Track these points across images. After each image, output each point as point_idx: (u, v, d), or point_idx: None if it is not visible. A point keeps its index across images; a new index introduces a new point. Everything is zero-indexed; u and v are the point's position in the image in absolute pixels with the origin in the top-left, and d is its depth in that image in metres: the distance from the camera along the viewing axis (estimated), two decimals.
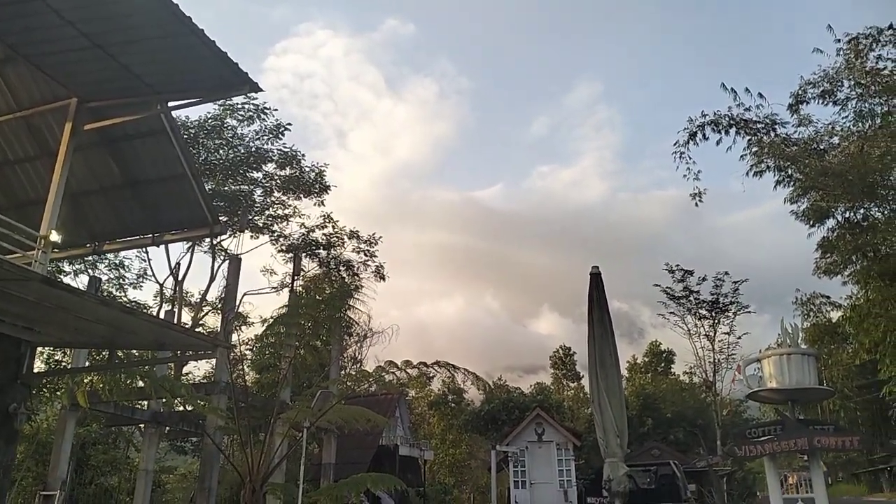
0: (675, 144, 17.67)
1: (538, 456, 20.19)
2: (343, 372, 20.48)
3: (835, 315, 38.91)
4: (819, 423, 10.31)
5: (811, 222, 27.01)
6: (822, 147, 23.22)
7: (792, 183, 24.35)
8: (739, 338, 26.83)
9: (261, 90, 9.72)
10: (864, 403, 40.76)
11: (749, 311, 27.09)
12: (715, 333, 26.83)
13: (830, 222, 26.78)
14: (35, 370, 12.06)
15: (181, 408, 17.37)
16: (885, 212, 25.12)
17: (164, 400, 15.66)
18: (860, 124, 20.89)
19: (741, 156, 20.73)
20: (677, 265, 27.21)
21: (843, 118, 21.26)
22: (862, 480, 42.64)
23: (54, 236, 9.63)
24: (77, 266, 22.30)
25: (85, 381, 14.20)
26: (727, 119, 18.69)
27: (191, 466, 22.86)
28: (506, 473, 20.82)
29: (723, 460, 20.71)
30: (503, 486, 21.41)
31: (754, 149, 20.97)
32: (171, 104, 10.60)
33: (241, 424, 11.41)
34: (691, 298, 26.83)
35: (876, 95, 20.20)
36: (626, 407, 6.88)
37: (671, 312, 27.57)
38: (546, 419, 21.11)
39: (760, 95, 17.72)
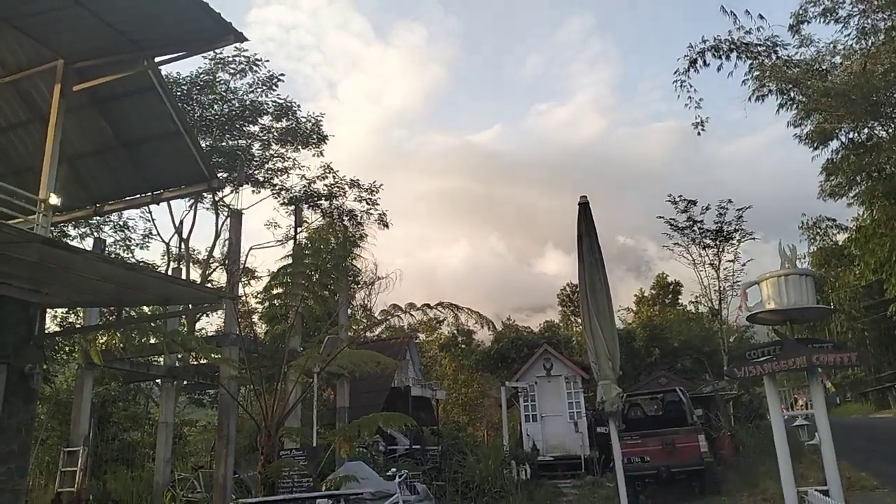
0: (675, 73, 17.39)
1: (547, 390, 20.61)
2: (352, 318, 20.79)
3: (841, 238, 39.05)
4: (818, 341, 10.43)
5: (815, 145, 26.78)
6: (824, 67, 22.82)
7: (795, 106, 24.04)
8: (744, 265, 26.89)
9: (246, 39, 9.62)
10: (871, 324, 41.18)
11: (753, 238, 27.05)
12: (720, 262, 26.90)
13: (834, 144, 26.55)
14: (48, 332, 12.34)
15: (195, 362, 17.76)
16: (890, 130, 24.83)
17: (178, 355, 16.06)
18: (863, 42, 20.48)
19: (743, 81, 20.43)
20: (680, 195, 27.10)
21: (845, 36, 20.83)
22: (870, 399, 43.34)
23: (53, 199, 9.70)
24: (82, 230, 22.50)
25: (99, 340, 14.51)
26: (728, 44, 18.29)
27: (211, 418, 23.49)
28: (517, 409, 21.30)
29: (729, 383, 21.09)
30: (515, 421, 21.93)
31: (756, 73, 20.64)
32: (157, 60, 10.49)
33: (254, 374, 11.72)
34: (695, 228, 26.79)
35: (879, 10, 19.73)
36: (632, 334, 7.03)
37: (675, 244, 27.59)
38: (554, 354, 21.45)
39: (761, 17, 17.34)
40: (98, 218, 21.16)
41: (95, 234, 22.09)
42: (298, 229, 18.41)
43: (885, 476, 13.58)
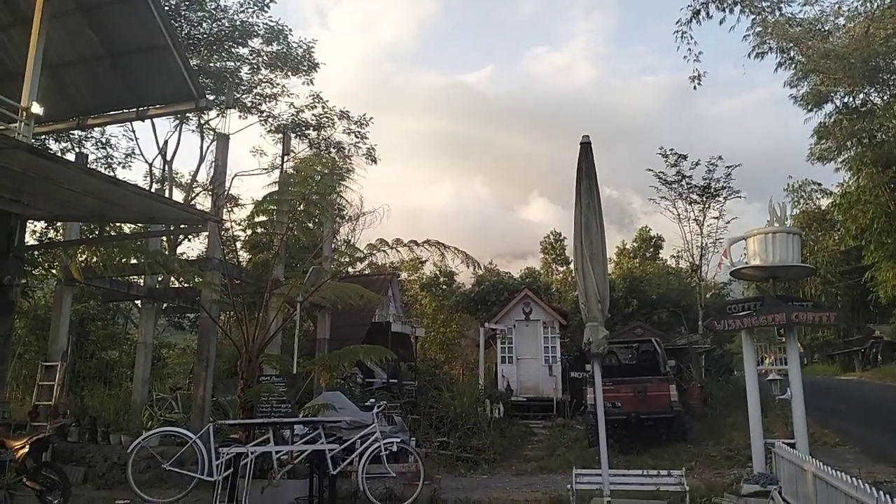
0: (676, 23, 17.02)
1: (525, 334, 20.86)
2: (336, 252, 20.74)
3: (825, 203, 39.42)
4: (798, 299, 10.57)
5: (809, 107, 26.73)
6: (826, 28, 22.55)
7: (793, 66, 23.85)
8: (728, 223, 27.10)
9: None
10: (845, 289, 41.97)
11: (740, 197, 27.18)
12: (704, 218, 27.07)
13: (828, 107, 26.54)
14: (27, 245, 12.16)
15: (176, 284, 17.67)
16: (885, 97, 24.78)
17: (159, 277, 15.95)
18: (868, 4, 20.19)
19: (744, 37, 20.14)
20: (671, 149, 27.03)
21: None
22: (836, 362, 44.52)
23: (36, 108, 9.40)
24: (64, 144, 21.99)
25: (79, 256, 14.34)
26: None
27: (190, 342, 23.56)
28: (494, 350, 21.58)
29: (703, 337, 21.49)
30: (491, 361, 22.25)
31: (758, 28, 20.33)
32: None
33: (236, 300, 11.66)
34: (683, 183, 26.84)
35: None
36: (610, 284, 7.04)
37: (662, 197, 27.66)
38: (534, 299, 21.64)
39: None
40: (80, 133, 20.67)
41: (77, 149, 21.61)
42: (285, 158, 18.07)
43: (846, 434, 14.05)
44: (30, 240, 17.99)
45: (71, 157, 20.48)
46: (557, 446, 14.51)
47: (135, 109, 12.29)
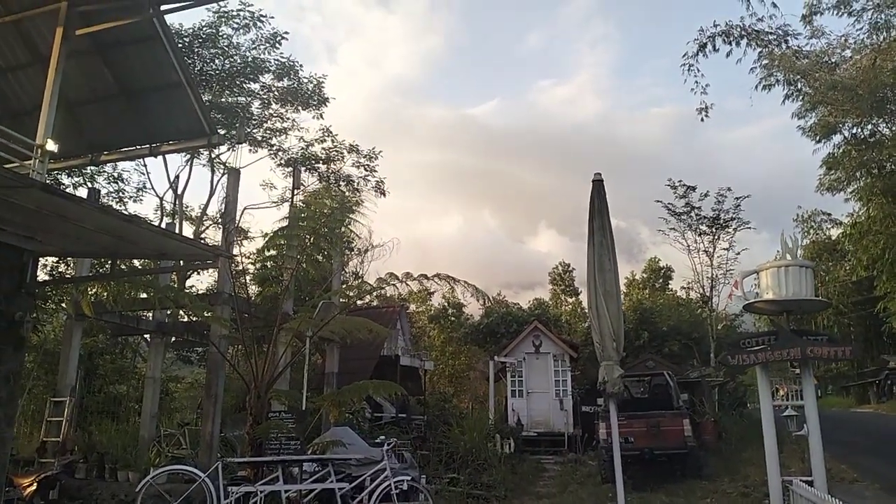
0: (683, 56, 17.17)
1: (535, 367, 20.70)
2: (345, 285, 20.73)
3: (835, 233, 39.22)
4: (812, 333, 10.45)
5: (818, 138, 26.71)
6: (833, 60, 22.68)
7: (800, 97, 23.94)
8: (738, 254, 26.97)
9: None
10: (857, 319, 41.53)
11: (749, 227, 27.10)
12: (714, 249, 26.94)
13: (837, 138, 26.51)
14: (38, 280, 12.20)
15: (186, 318, 17.67)
16: (894, 128, 24.79)
17: (168, 311, 15.97)
18: (875, 36, 20.35)
19: (751, 69, 20.24)
20: (679, 181, 27.03)
21: (857, 30, 20.66)
22: (850, 393, 43.89)
23: (51, 145, 9.47)
24: (76, 179, 22.18)
25: (89, 291, 14.39)
26: (738, 29, 18.04)
27: (197, 376, 23.48)
28: (503, 383, 21.40)
29: (715, 370, 21.23)
30: (501, 395, 22.06)
31: (765, 61, 20.48)
32: (163, 7, 10.22)
33: (245, 334, 11.65)
34: (692, 214, 26.78)
35: (893, 6, 19.56)
36: (623, 315, 7.00)
37: (671, 228, 27.59)
38: (543, 331, 21.51)
39: (774, 5, 17.02)
40: (93, 168, 20.88)
41: (89, 184, 21.82)
42: (295, 192, 18.21)
43: (864, 469, 13.77)
44: (41, 275, 18.08)
45: (83, 192, 20.71)
46: (570, 483, 14.28)
47: (148, 146, 12.38)
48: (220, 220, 23.45)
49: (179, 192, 24.76)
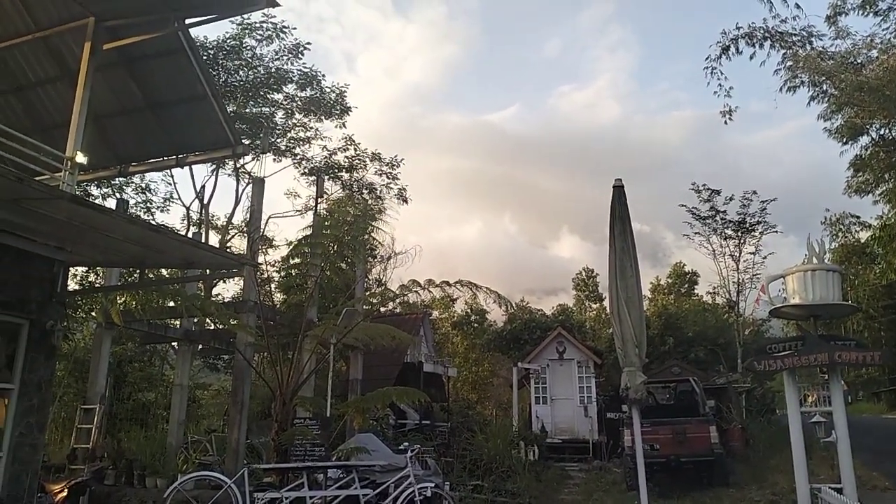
0: (706, 59, 17.03)
1: (559, 373, 20.61)
2: (368, 292, 20.84)
3: (864, 235, 38.50)
4: (841, 338, 10.28)
5: (844, 140, 26.34)
6: (859, 61, 22.34)
7: (826, 99, 23.62)
8: (765, 258, 26.55)
9: (278, 5, 9.55)
10: (888, 323, 40.63)
11: (776, 231, 26.66)
12: (740, 253, 26.56)
13: (864, 140, 26.12)
14: (69, 290, 12.44)
15: (212, 326, 17.88)
16: None
17: (195, 319, 16.18)
18: None
19: (775, 71, 20.03)
20: (704, 185, 26.74)
21: (883, 30, 20.33)
22: (882, 399, 43.00)
23: (80, 158, 9.71)
24: (105, 190, 22.63)
25: (118, 300, 14.63)
26: (762, 31, 17.86)
27: (224, 383, 23.74)
28: (527, 390, 21.33)
29: (742, 376, 20.95)
30: (524, 402, 21.98)
31: (789, 63, 20.24)
32: (188, 21, 10.44)
33: (270, 342, 11.78)
34: (717, 218, 26.46)
35: None
36: (645, 322, 6.97)
37: (696, 233, 27.28)
38: (567, 338, 21.42)
39: (798, 6, 16.85)
40: (121, 179, 21.26)
41: (118, 195, 22.23)
42: (319, 200, 18.38)
43: None
44: (71, 284, 18.43)
45: (112, 202, 21.10)
46: (595, 490, 14.18)
47: (174, 157, 12.65)
48: (245, 229, 23.73)
49: (205, 201, 25.10)
